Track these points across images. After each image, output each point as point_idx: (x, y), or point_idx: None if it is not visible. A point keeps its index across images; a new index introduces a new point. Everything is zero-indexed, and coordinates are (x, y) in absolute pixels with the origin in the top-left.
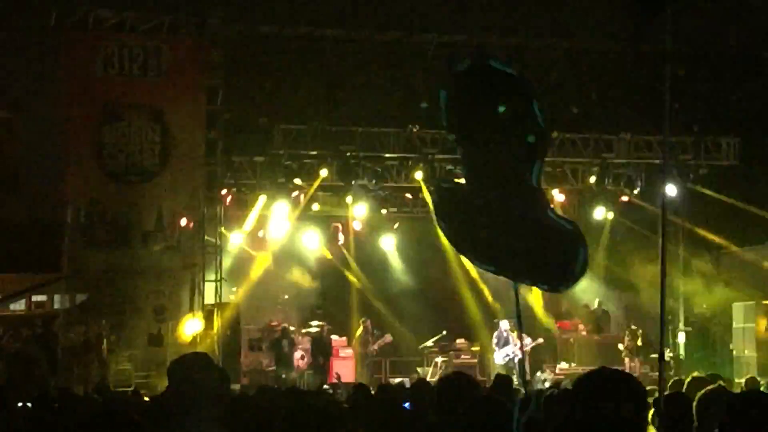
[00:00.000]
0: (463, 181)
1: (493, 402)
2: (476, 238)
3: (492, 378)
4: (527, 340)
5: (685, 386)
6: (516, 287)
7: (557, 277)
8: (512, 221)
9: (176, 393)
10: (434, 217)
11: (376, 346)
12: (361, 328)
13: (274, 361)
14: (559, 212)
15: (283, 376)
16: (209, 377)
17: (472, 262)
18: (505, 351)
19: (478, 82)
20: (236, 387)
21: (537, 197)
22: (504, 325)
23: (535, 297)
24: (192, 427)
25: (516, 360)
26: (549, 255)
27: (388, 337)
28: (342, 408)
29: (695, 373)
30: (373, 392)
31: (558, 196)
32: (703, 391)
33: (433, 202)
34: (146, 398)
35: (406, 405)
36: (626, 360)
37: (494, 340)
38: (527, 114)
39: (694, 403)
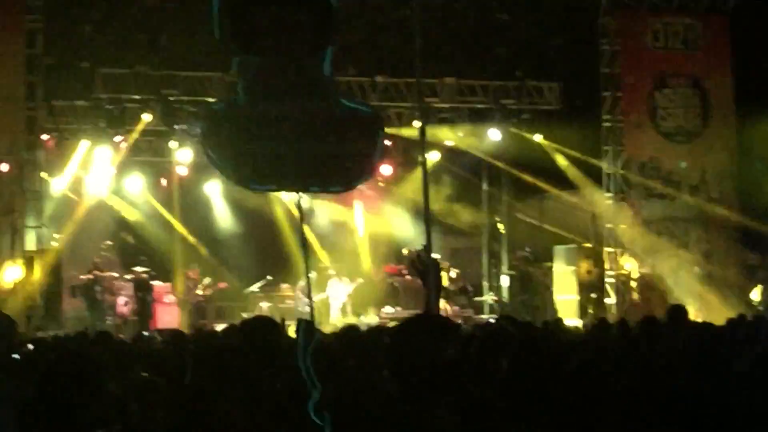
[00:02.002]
0: (239, 97)
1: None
2: (256, 156)
3: None
4: (345, 286)
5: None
6: (299, 204)
7: (355, 170)
8: (299, 123)
9: None
10: (204, 149)
11: (201, 291)
12: (188, 273)
13: (86, 307)
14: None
15: (98, 322)
16: None
17: (252, 187)
18: (321, 295)
19: None
20: (60, 333)
21: (328, 89)
22: (313, 274)
23: (359, 240)
24: None
25: (336, 305)
26: (342, 148)
27: (222, 284)
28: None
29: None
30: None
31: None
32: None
33: (201, 130)
34: None
35: None
36: (445, 303)
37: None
38: (318, 2)
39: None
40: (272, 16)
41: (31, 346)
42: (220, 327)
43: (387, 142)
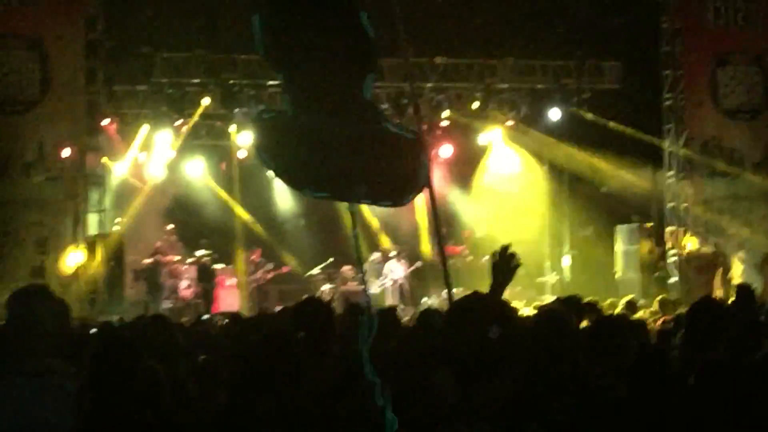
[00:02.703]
0: (286, 109)
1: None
2: (306, 166)
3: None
4: (404, 268)
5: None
6: (354, 210)
7: (402, 187)
8: (346, 140)
9: (13, 326)
10: (257, 154)
11: (265, 275)
12: (250, 256)
13: (147, 291)
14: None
15: (163, 306)
16: (47, 310)
17: (306, 194)
18: (379, 282)
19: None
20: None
21: (372, 111)
22: (375, 255)
23: (420, 221)
24: (29, 360)
25: (395, 287)
26: (390, 168)
27: (285, 268)
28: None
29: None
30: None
31: (443, 122)
32: None
33: (254, 137)
34: None
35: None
36: None
37: (369, 269)
38: (354, 26)
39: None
40: (310, 42)
41: (93, 330)
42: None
43: (446, 123)
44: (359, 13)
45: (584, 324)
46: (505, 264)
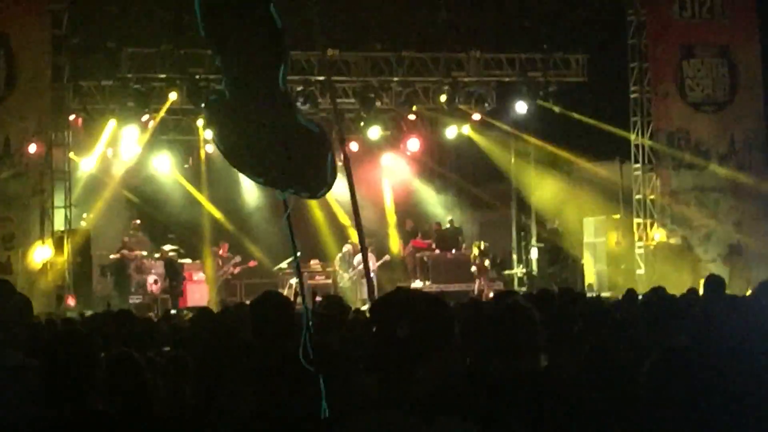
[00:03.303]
0: (225, 92)
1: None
2: (245, 150)
3: None
4: (373, 261)
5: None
6: (285, 198)
7: (314, 182)
8: (269, 128)
9: None
10: (210, 134)
11: (233, 269)
12: (218, 251)
13: (113, 286)
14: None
15: (131, 301)
16: (8, 304)
17: (247, 176)
18: (350, 272)
19: None
20: (88, 312)
21: (287, 101)
22: (347, 248)
23: (388, 216)
24: None
25: (363, 280)
26: (304, 160)
27: (252, 262)
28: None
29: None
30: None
31: (410, 115)
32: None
33: (204, 117)
34: None
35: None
36: (474, 276)
37: (337, 262)
38: (264, 16)
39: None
40: (232, 28)
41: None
42: None
43: (412, 117)
44: (269, 2)
45: None
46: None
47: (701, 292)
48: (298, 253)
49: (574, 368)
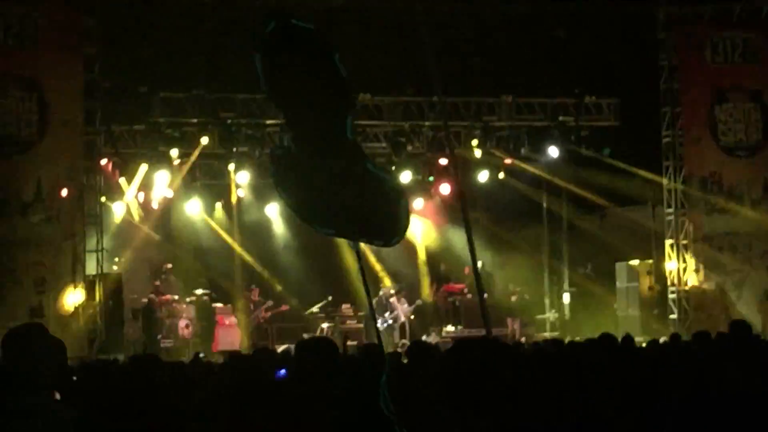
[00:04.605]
0: (292, 146)
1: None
2: (313, 202)
3: None
4: (406, 307)
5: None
6: (357, 248)
7: (388, 231)
8: (339, 179)
9: (10, 365)
10: (275, 187)
11: (264, 313)
12: (249, 295)
13: (143, 330)
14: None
15: (162, 345)
16: (44, 348)
17: (315, 228)
18: (385, 317)
19: (285, 41)
20: (120, 357)
21: (355, 151)
22: (384, 291)
23: (420, 261)
24: (25, 399)
25: (396, 326)
26: (377, 209)
27: (284, 306)
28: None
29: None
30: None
31: (441, 160)
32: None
33: (270, 171)
34: None
35: (283, 372)
36: (508, 321)
37: (374, 307)
38: (329, 66)
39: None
40: (296, 82)
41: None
42: (281, 348)
43: (444, 161)
44: (333, 54)
45: None
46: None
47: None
48: (373, 299)
49: None
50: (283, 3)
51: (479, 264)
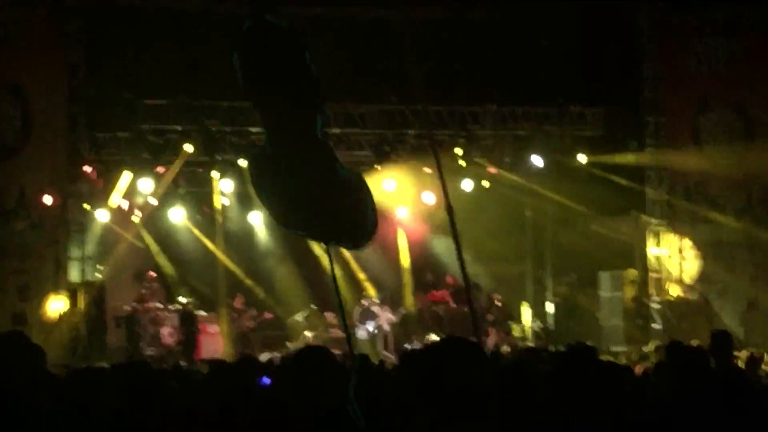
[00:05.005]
0: (266, 146)
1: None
2: (288, 203)
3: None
4: (389, 315)
5: None
6: (329, 251)
7: (357, 233)
8: (311, 180)
9: None
10: (253, 188)
11: (247, 322)
12: (232, 303)
13: (127, 338)
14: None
15: (145, 353)
16: (22, 355)
17: (289, 230)
18: (368, 326)
19: (260, 39)
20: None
21: (326, 151)
22: (368, 300)
23: (403, 269)
24: (6, 405)
25: (379, 334)
26: (346, 210)
27: (267, 314)
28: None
29: None
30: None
31: (425, 168)
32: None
33: (249, 172)
34: None
35: (266, 380)
36: (491, 331)
37: (356, 315)
38: (300, 65)
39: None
40: (270, 80)
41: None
42: (264, 356)
43: (428, 170)
44: (304, 51)
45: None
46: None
47: None
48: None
49: None
50: (265, 10)
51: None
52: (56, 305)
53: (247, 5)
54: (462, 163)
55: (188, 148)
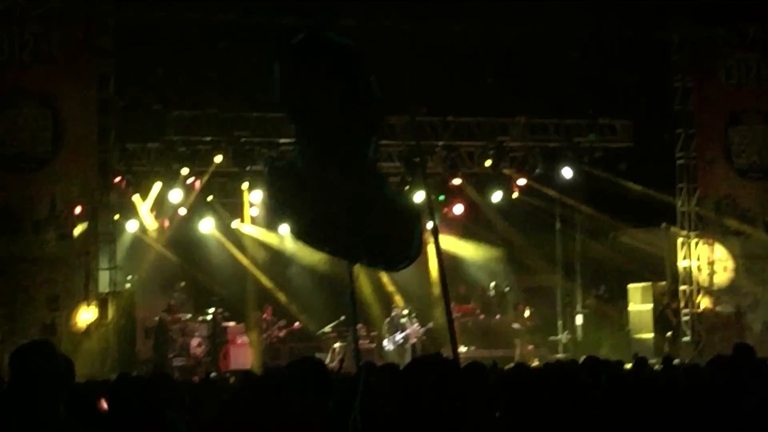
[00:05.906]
0: (297, 160)
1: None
2: (312, 219)
3: None
4: (417, 327)
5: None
6: (350, 269)
7: (396, 256)
8: (350, 199)
9: (18, 383)
10: (269, 200)
11: (277, 332)
12: (259, 314)
13: (155, 348)
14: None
15: (174, 363)
16: (52, 365)
17: (309, 245)
18: (396, 337)
19: (314, 55)
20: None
21: (375, 173)
22: (397, 311)
23: (432, 281)
24: (36, 416)
25: (407, 346)
26: (388, 233)
27: (296, 325)
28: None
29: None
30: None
31: (455, 180)
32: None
33: (266, 183)
34: None
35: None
36: (516, 342)
37: (385, 327)
38: (363, 88)
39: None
40: (321, 98)
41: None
42: None
43: (458, 181)
44: (369, 76)
45: None
46: None
47: None
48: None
49: None
50: (297, 23)
51: (491, 284)
52: (86, 316)
53: (285, 16)
54: (491, 174)
55: (218, 158)
